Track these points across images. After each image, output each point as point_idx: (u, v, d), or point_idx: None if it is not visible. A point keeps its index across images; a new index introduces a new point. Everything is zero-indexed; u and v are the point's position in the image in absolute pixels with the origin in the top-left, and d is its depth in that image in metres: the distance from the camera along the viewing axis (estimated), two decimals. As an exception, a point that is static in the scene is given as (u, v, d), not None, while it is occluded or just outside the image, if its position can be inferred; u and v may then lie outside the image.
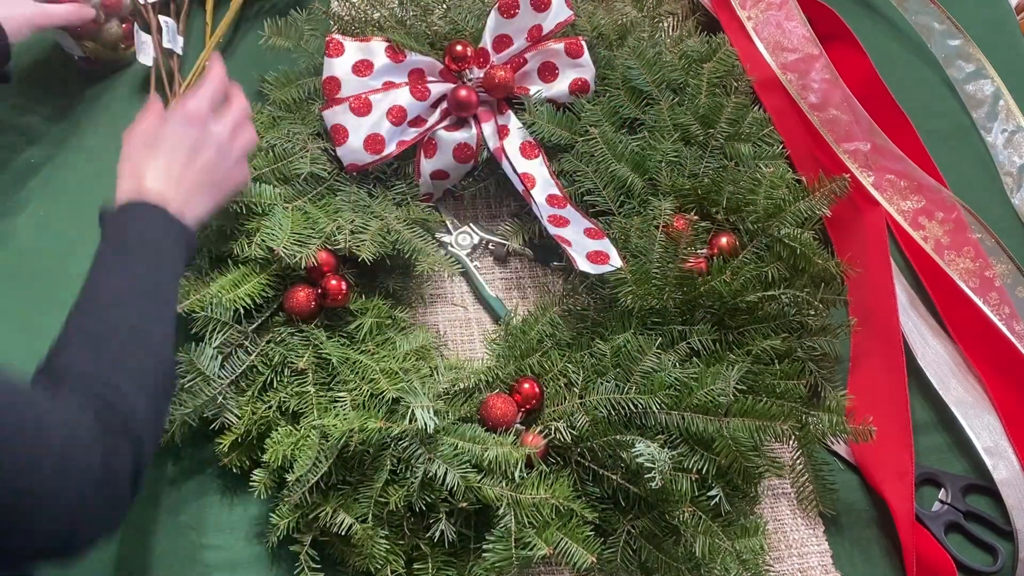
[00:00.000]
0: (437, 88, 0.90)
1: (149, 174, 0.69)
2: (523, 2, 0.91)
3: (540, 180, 0.91)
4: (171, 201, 0.68)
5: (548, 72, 0.94)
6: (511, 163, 0.91)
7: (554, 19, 0.92)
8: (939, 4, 1.11)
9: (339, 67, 0.89)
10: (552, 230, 0.86)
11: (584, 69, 0.93)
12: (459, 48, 0.90)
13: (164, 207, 0.68)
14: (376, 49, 0.90)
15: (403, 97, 0.89)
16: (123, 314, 0.63)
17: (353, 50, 0.89)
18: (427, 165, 0.91)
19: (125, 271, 0.65)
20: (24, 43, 1.03)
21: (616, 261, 0.83)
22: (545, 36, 0.93)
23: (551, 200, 0.90)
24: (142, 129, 0.72)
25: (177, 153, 0.70)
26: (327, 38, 0.89)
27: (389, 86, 0.89)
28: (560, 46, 0.92)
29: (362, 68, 0.89)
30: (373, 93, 0.88)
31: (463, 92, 0.90)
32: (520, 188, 0.90)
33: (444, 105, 0.91)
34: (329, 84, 0.89)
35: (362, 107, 0.87)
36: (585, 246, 0.84)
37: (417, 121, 0.90)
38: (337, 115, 0.87)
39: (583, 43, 0.93)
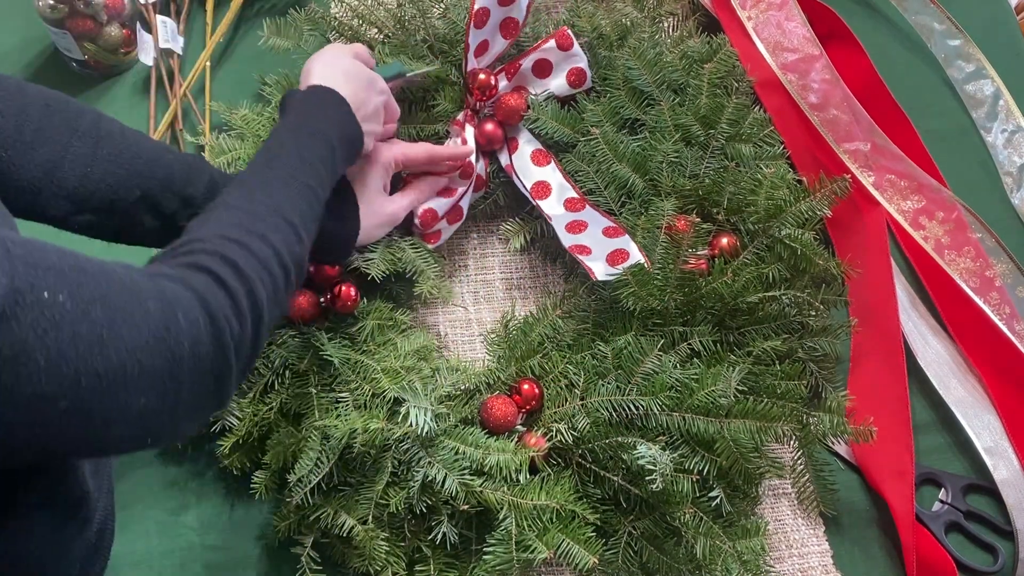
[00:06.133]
0: (471, 138, 0.90)
1: (317, 78, 0.74)
2: (491, 5, 0.89)
3: (555, 186, 0.92)
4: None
5: (543, 69, 0.94)
6: (521, 180, 0.91)
7: (522, 7, 0.91)
8: (939, 4, 1.11)
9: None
10: (568, 241, 0.86)
11: (577, 58, 0.93)
12: (482, 77, 0.90)
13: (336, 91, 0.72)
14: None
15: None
16: (275, 174, 0.64)
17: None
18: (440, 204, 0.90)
19: (298, 134, 0.68)
20: (22, 44, 1.04)
21: (636, 256, 0.83)
22: (522, 25, 0.92)
23: (569, 204, 0.90)
24: (319, 54, 0.77)
25: (338, 70, 0.75)
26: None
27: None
28: (551, 43, 0.92)
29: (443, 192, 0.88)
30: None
31: (489, 127, 0.91)
32: (534, 203, 0.91)
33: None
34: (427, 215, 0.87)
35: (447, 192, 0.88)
36: (604, 248, 0.84)
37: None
38: None
39: (569, 32, 0.93)
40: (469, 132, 0.90)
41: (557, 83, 0.94)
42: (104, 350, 0.43)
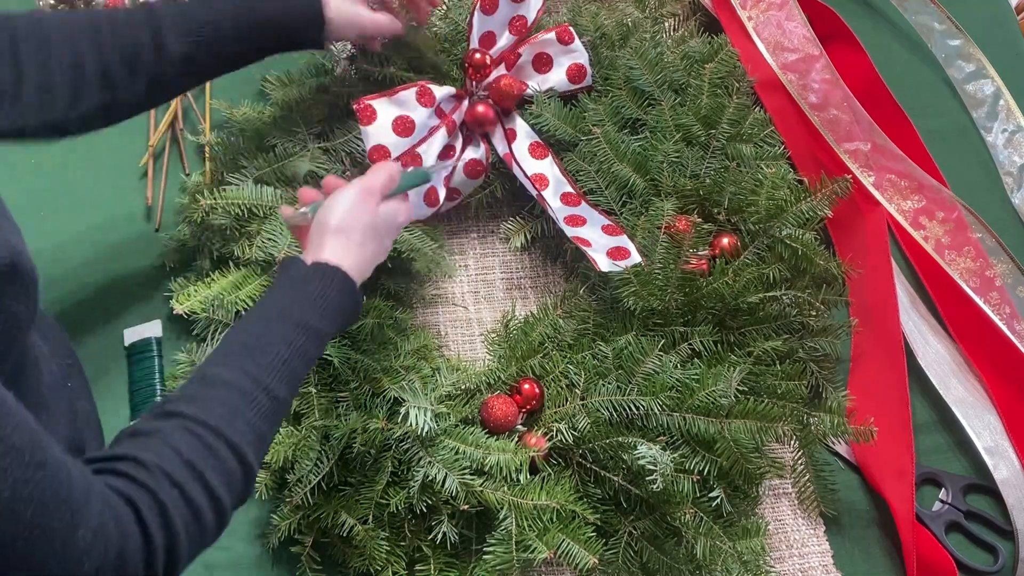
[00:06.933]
0: (457, 114, 0.89)
1: (330, 247, 0.68)
2: None
3: (552, 180, 0.91)
4: (346, 268, 0.68)
5: (543, 63, 0.94)
6: (521, 168, 0.91)
7: (534, 8, 0.92)
8: (939, 4, 1.11)
9: (381, 134, 0.84)
10: (570, 232, 0.86)
11: (577, 54, 0.94)
12: (478, 56, 0.90)
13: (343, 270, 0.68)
14: (407, 99, 0.86)
15: (440, 138, 0.87)
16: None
17: (386, 110, 0.85)
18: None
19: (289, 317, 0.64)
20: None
21: (636, 256, 0.83)
22: (531, 26, 0.92)
23: (566, 199, 0.90)
24: (339, 207, 0.70)
25: (355, 233, 0.69)
26: (356, 105, 0.84)
27: (432, 132, 0.87)
28: (551, 35, 0.92)
29: (403, 127, 0.85)
30: (419, 145, 0.86)
31: (480, 108, 0.90)
32: (533, 192, 0.90)
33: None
34: (378, 152, 0.85)
35: (413, 160, 0.85)
36: (604, 244, 0.84)
37: (447, 149, 0.89)
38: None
39: (571, 29, 0.93)
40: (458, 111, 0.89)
41: (557, 78, 0.94)
42: (20, 554, 0.44)
